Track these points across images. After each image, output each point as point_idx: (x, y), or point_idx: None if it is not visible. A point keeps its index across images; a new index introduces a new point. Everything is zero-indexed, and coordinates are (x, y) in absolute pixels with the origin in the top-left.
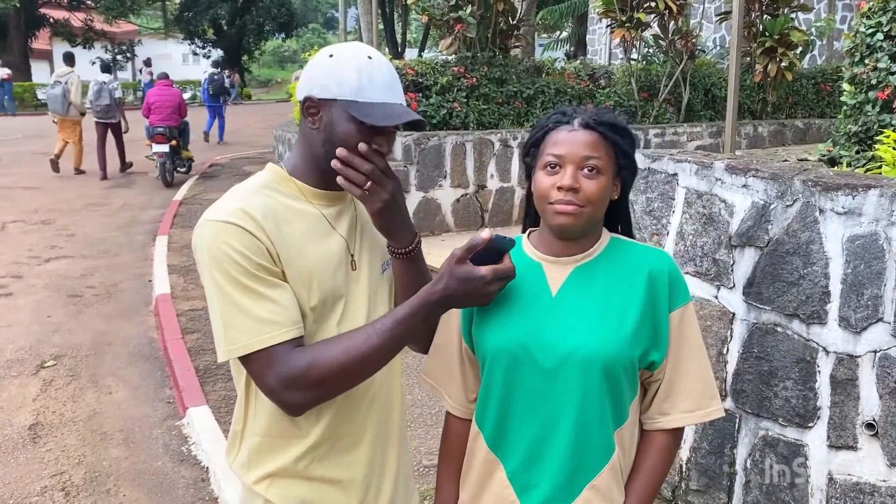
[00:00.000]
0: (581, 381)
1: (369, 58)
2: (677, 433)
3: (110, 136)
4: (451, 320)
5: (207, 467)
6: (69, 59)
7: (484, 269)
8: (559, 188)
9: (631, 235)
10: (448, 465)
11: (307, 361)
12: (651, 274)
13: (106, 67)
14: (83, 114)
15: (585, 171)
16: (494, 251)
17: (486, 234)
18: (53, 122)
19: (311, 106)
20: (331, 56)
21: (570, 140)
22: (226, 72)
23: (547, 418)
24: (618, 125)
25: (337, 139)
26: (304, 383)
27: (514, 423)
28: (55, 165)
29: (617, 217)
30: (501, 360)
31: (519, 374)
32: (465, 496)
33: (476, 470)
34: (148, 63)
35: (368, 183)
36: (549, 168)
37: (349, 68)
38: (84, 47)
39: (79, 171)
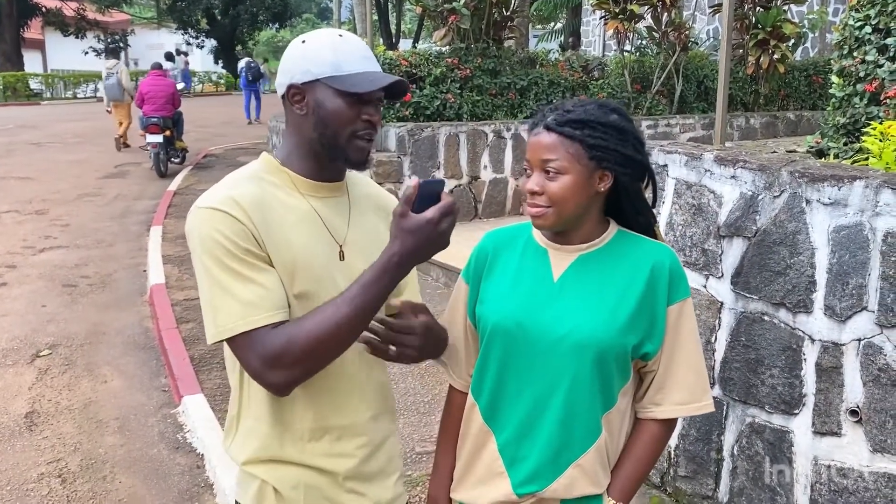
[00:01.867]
0: (572, 364)
1: (340, 35)
2: (669, 424)
3: None
4: (459, 298)
5: (203, 454)
6: (114, 53)
7: (428, 213)
8: (528, 191)
9: (647, 222)
10: (447, 434)
11: (284, 339)
12: (652, 267)
13: (169, 56)
14: (132, 97)
15: (547, 173)
16: (429, 195)
17: (413, 181)
18: (108, 110)
19: (296, 93)
20: (303, 42)
21: (533, 144)
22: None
23: (538, 396)
24: (585, 120)
25: (327, 117)
26: (284, 362)
27: (507, 397)
28: (119, 144)
29: (629, 206)
30: (499, 336)
31: (515, 351)
32: (460, 465)
33: (470, 440)
34: (184, 53)
35: (392, 348)
36: (524, 171)
37: (324, 48)
38: (76, 37)
39: (126, 146)
